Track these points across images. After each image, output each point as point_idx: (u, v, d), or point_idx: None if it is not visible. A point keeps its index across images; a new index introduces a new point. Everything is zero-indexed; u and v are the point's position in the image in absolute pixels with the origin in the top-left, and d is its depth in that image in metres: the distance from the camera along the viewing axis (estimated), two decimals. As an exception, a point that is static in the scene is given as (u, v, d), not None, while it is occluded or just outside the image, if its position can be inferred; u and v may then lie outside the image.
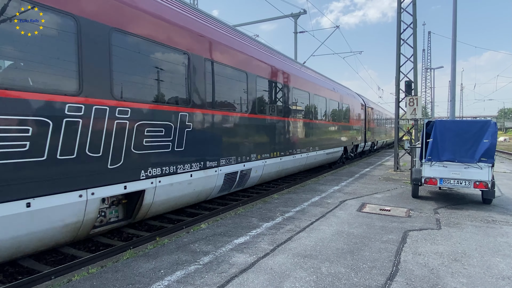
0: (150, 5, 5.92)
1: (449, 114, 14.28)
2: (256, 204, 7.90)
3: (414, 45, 14.07)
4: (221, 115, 7.64)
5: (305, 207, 7.56)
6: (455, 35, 12.30)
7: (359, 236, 5.49)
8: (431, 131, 8.14)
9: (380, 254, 4.72)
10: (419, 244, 5.14)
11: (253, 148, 8.84)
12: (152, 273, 4.13)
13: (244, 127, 8.54)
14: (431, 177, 7.99)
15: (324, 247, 4.98)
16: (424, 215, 6.86)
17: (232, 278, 3.96)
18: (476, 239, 5.41)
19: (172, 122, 6.19)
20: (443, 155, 7.89)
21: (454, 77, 12.69)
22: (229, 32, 8.59)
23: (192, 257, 4.61)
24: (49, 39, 4.33)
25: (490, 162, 7.50)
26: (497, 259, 4.59)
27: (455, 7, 12.29)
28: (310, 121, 12.79)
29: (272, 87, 10.15)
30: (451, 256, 4.66)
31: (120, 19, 5.21)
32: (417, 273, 4.10)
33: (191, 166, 6.67)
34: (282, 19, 21.90)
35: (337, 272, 4.12)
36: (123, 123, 5.22)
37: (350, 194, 9.01)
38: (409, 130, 14.87)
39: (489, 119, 8.28)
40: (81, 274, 4.14)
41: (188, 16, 6.94)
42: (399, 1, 14.12)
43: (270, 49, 11.41)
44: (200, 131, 6.88)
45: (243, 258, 4.56)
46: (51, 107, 4.27)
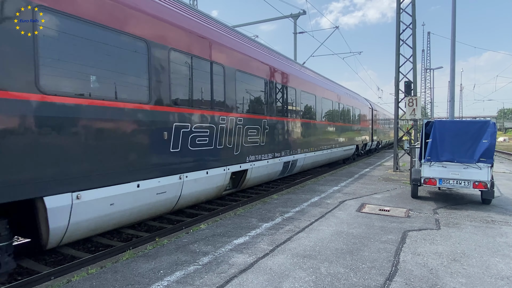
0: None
1: (448, 115, 14.29)
2: (256, 205, 7.90)
3: (413, 46, 14.09)
4: (284, 120, 10.76)
5: (304, 207, 7.57)
6: (454, 36, 12.32)
7: (359, 236, 5.50)
8: (430, 131, 8.16)
9: (379, 254, 4.72)
10: (418, 244, 5.15)
11: (298, 145, 11.81)
12: (152, 273, 4.13)
13: (295, 129, 11.60)
14: (430, 178, 8.00)
15: (323, 248, 4.98)
16: (424, 215, 6.87)
17: (231, 278, 3.97)
18: (475, 239, 5.42)
19: (260, 126, 9.21)
20: (442, 155, 7.90)
21: (453, 77, 12.71)
22: (297, 67, 12.58)
23: (192, 258, 4.62)
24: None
25: (489, 162, 7.51)
26: (496, 259, 4.59)
27: (454, 9, 12.32)
28: (334, 124, 15.77)
29: (315, 100, 13.55)
30: (450, 256, 4.67)
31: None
32: (416, 273, 4.10)
33: (268, 156, 9.67)
34: (282, 19, 21.94)
35: (336, 272, 4.12)
36: (241, 128, 8.24)
37: (349, 195, 9.01)
38: (408, 131, 14.89)
39: (488, 119, 8.29)
40: (81, 274, 4.14)
41: (239, 42, 8.89)
42: (398, 1, 14.15)
43: (317, 73, 15.60)
44: (271, 132, 9.81)
45: (242, 259, 4.56)
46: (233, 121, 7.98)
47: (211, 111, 7.21)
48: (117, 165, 5.08)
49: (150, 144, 5.65)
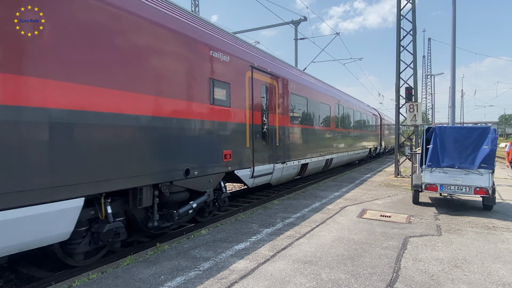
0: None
1: (449, 120, 14.31)
2: (257, 210, 7.90)
3: (414, 52, 14.17)
4: (331, 130, 14.67)
5: (305, 213, 7.56)
6: (454, 42, 12.37)
7: (360, 242, 5.49)
8: (431, 137, 8.16)
9: (381, 260, 4.71)
10: (420, 250, 5.14)
11: (333, 147, 14.94)
12: (153, 279, 4.13)
13: (332, 136, 14.90)
14: (431, 183, 7.99)
15: (324, 253, 4.97)
16: (425, 221, 6.85)
17: (232, 284, 3.96)
18: (477, 245, 5.40)
19: (315, 134, 12.85)
20: (443, 161, 7.90)
21: (454, 84, 12.74)
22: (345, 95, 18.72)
23: (192, 263, 4.62)
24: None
25: (490, 168, 7.49)
26: (497, 265, 4.58)
27: (454, 15, 12.39)
28: (356, 131, 19.38)
29: (345, 112, 17.24)
30: (452, 263, 4.66)
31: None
32: (417, 280, 4.09)
33: (316, 154, 12.63)
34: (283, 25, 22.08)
35: (337, 279, 4.11)
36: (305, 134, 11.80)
37: (350, 200, 9.00)
38: (409, 136, 14.89)
39: (489, 125, 8.29)
40: (82, 280, 4.14)
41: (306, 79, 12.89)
42: (399, 8, 14.25)
43: (350, 96, 20.75)
44: (319, 137, 13.17)
45: (243, 264, 4.56)
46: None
47: (305, 126, 11.75)
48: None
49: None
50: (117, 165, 4.66)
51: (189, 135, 6.07)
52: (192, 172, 6.09)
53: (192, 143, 6.14)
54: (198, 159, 6.30)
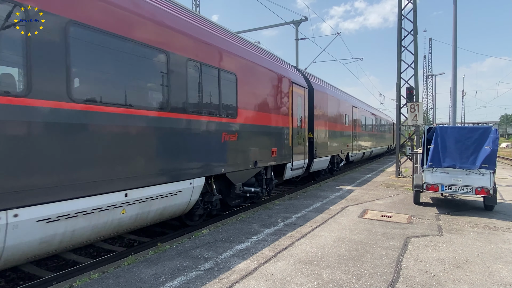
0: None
1: (450, 120, 14.29)
2: (258, 210, 7.90)
3: (415, 52, 14.15)
4: (363, 133, 20.91)
5: (306, 213, 7.56)
6: (456, 42, 12.36)
7: (361, 243, 5.48)
8: (432, 137, 8.15)
9: (382, 260, 4.71)
10: (421, 250, 5.13)
11: (364, 144, 20.76)
12: (154, 279, 4.14)
13: (367, 136, 21.08)
14: (432, 184, 7.98)
15: (325, 254, 4.97)
16: (426, 222, 6.85)
17: (233, 284, 3.96)
18: (478, 245, 5.40)
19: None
20: (444, 161, 7.88)
21: (455, 84, 12.73)
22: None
23: (193, 263, 4.62)
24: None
25: (492, 168, 7.48)
26: (499, 265, 4.57)
27: (455, 15, 12.38)
28: (377, 133, 25.97)
29: (372, 118, 23.98)
30: (453, 263, 4.65)
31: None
32: (418, 280, 4.09)
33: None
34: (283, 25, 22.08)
35: (338, 279, 4.11)
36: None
37: (351, 200, 9.00)
38: (410, 136, 14.88)
39: (490, 125, 8.27)
40: (83, 279, 4.15)
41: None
42: (400, 8, 14.23)
43: (373, 107, 28.11)
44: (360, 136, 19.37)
45: (244, 264, 4.56)
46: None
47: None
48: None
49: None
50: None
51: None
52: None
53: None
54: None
